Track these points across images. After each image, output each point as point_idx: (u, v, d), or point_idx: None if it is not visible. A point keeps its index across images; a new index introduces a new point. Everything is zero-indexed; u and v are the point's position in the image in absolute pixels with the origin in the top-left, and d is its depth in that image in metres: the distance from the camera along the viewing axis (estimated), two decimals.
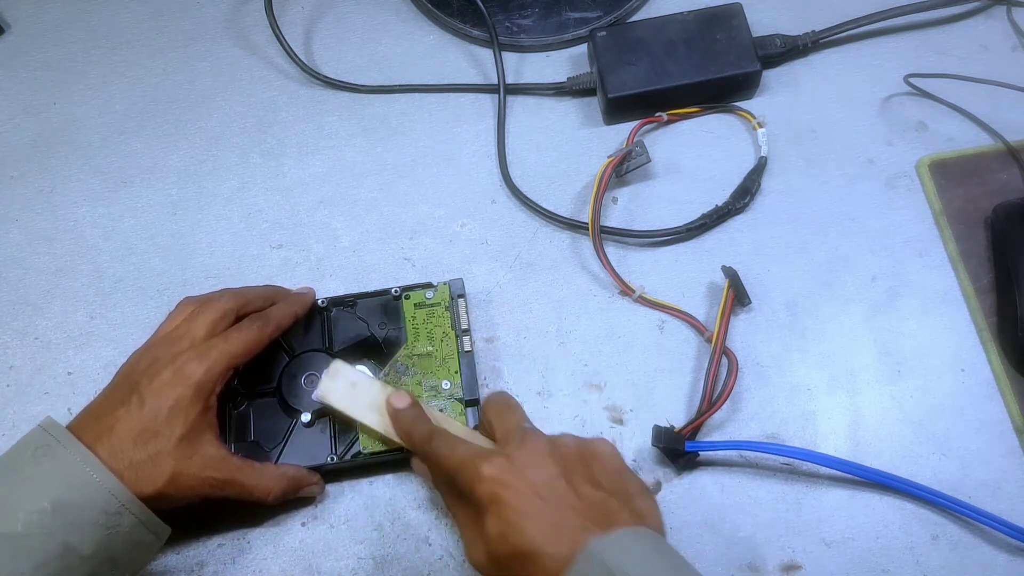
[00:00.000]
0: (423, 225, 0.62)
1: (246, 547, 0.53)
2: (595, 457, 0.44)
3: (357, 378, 0.51)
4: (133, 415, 0.46)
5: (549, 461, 0.43)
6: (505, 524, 0.41)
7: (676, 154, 0.63)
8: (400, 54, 0.67)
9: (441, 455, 0.45)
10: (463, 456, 0.44)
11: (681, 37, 0.63)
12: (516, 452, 0.43)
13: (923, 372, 0.56)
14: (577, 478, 0.42)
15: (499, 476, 0.42)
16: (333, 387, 0.51)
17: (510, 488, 0.41)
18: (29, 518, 0.42)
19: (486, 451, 0.44)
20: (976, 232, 0.59)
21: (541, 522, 0.40)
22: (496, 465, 0.42)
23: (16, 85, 0.67)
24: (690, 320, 0.57)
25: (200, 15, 0.69)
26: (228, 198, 0.63)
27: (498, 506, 0.41)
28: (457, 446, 0.45)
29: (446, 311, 0.56)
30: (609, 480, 0.43)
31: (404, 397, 0.49)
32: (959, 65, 0.64)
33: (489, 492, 0.42)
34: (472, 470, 0.43)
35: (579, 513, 0.41)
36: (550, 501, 0.41)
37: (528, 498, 0.41)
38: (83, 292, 0.60)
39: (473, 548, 0.43)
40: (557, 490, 0.42)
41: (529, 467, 0.42)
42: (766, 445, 0.53)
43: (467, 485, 0.43)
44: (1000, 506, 0.51)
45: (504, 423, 0.46)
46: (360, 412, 0.51)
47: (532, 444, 0.44)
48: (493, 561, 0.42)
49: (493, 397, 0.49)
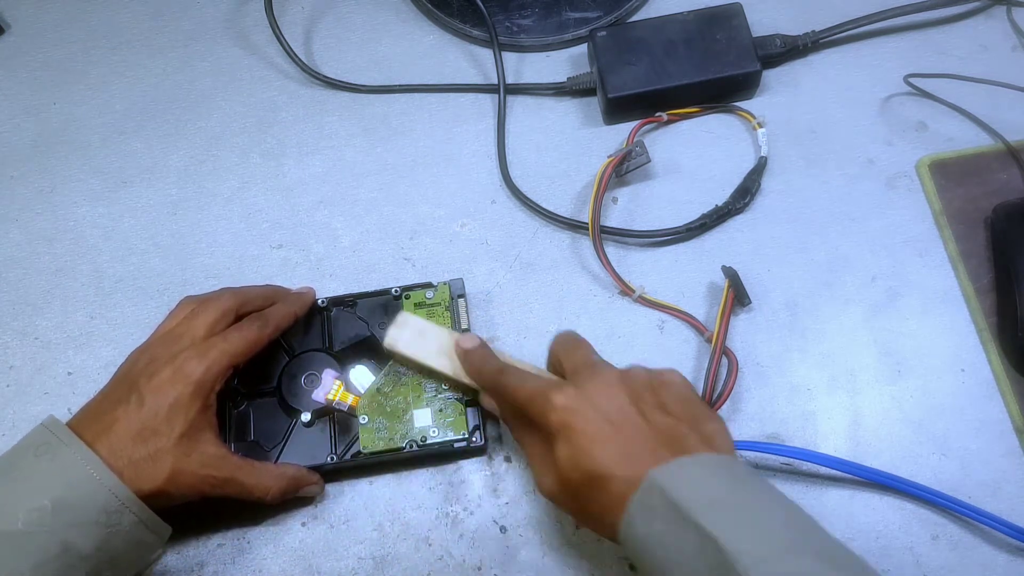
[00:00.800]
0: (423, 225, 0.62)
1: (246, 547, 0.53)
2: (664, 385, 0.45)
3: (424, 326, 0.53)
4: (132, 413, 0.46)
5: (619, 390, 0.44)
6: (576, 450, 0.42)
7: (676, 154, 0.63)
8: (400, 54, 0.67)
9: (512, 388, 0.46)
10: (534, 387, 0.45)
11: (681, 37, 0.63)
12: (587, 382, 0.44)
13: (923, 372, 0.56)
14: (647, 405, 0.43)
15: (570, 404, 0.43)
16: (401, 335, 0.52)
17: (580, 415, 0.42)
18: (29, 516, 0.42)
19: (557, 381, 0.45)
20: (976, 232, 0.59)
21: (611, 447, 0.41)
22: (567, 394, 0.43)
23: (16, 85, 0.67)
24: (690, 320, 0.57)
25: (200, 15, 0.69)
26: (228, 198, 0.63)
27: (569, 432, 0.42)
28: (527, 379, 0.46)
29: (446, 311, 0.56)
30: (678, 406, 0.44)
31: (472, 338, 0.50)
32: (959, 65, 0.64)
33: (560, 420, 0.43)
34: (543, 399, 0.44)
35: (648, 439, 0.42)
36: (620, 427, 0.42)
37: (598, 424, 0.42)
38: (83, 292, 0.60)
39: (544, 476, 0.45)
40: (627, 417, 0.43)
41: (599, 396, 0.43)
42: (766, 445, 0.53)
43: (538, 414, 0.44)
44: (1000, 506, 0.51)
45: (573, 357, 0.47)
46: (430, 357, 0.52)
47: (602, 375, 0.45)
48: (564, 487, 0.43)
49: (562, 335, 0.50)
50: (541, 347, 0.57)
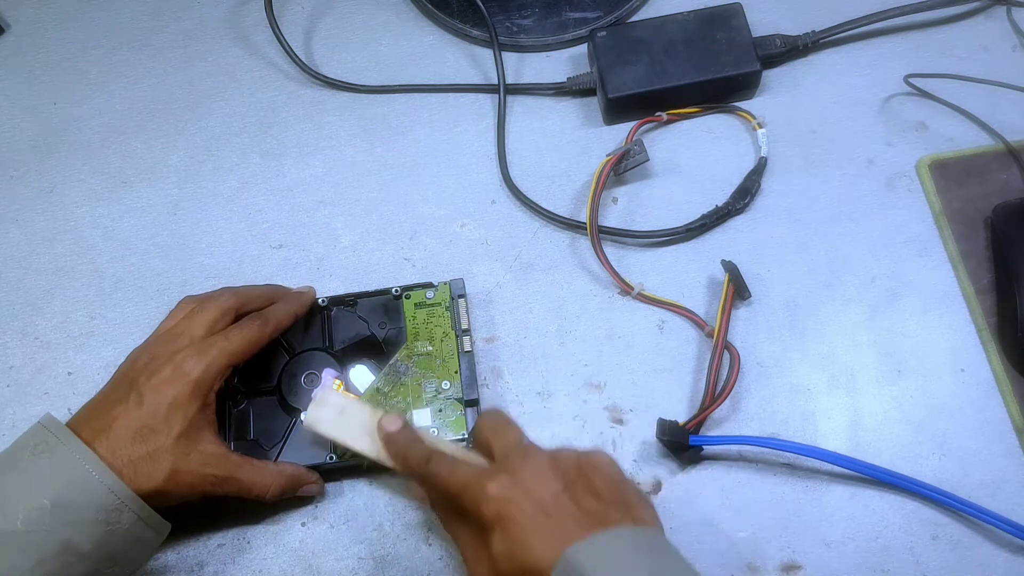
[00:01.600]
0: (423, 225, 0.62)
1: (246, 547, 0.53)
2: (595, 469, 0.43)
3: (344, 403, 0.50)
4: (132, 412, 0.46)
5: (552, 476, 0.42)
6: (512, 542, 0.40)
7: (676, 154, 0.63)
8: (400, 54, 0.67)
9: (442, 477, 0.44)
10: (465, 476, 0.43)
11: (681, 37, 0.63)
12: (519, 469, 0.42)
13: (923, 372, 0.56)
14: (579, 491, 0.42)
15: (504, 494, 0.41)
16: (320, 416, 0.49)
17: (515, 505, 0.41)
18: (29, 515, 0.42)
19: (488, 470, 0.43)
20: (976, 232, 0.59)
21: (546, 537, 0.40)
22: (501, 483, 0.42)
23: (16, 85, 0.67)
24: (690, 316, 0.57)
25: (200, 15, 0.69)
26: (228, 198, 0.63)
27: (504, 524, 0.40)
28: (457, 467, 0.44)
29: (446, 311, 0.56)
30: (609, 491, 0.42)
31: (395, 420, 0.48)
32: (959, 65, 0.64)
33: (495, 511, 0.41)
34: (476, 490, 0.42)
35: (581, 525, 0.40)
36: (554, 516, 0.40)
37: (534, 515, 0.40)
38: (83, 292, 0.60)
39: (477, 568, 0.43)
40: (561, 504, 0.41)
41: (533, 484, 0.42)
42: (770, 440, 0.53)
43: (471, 505, 0.42)
44: (1000, 506, 0.51)
45: (503, 440, 0.45)
46: (352, 439, 0.49)
47: (534, 460, 0.43)
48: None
49: (488, 415, 0.48)
50: (541, 347, 0.57)
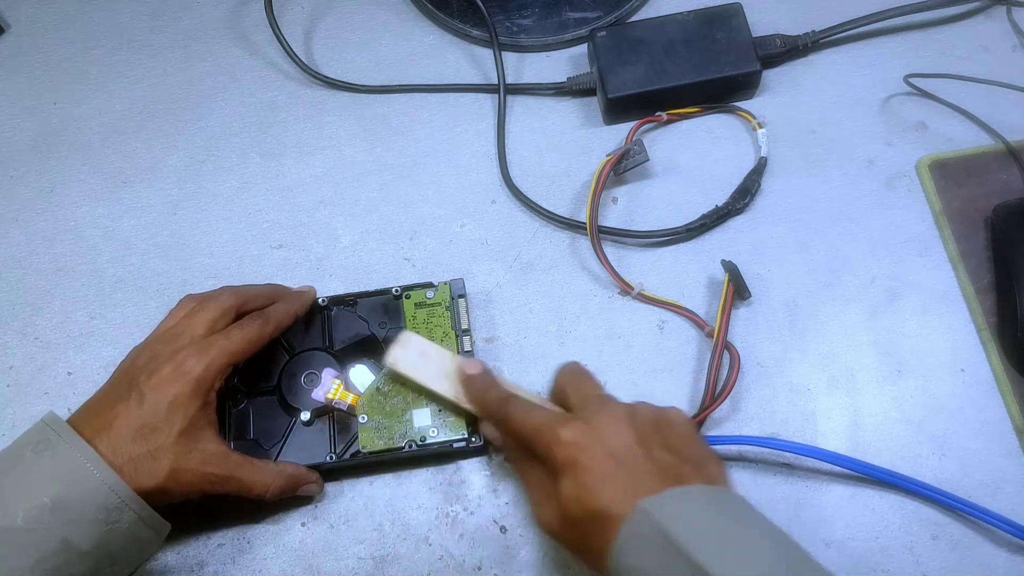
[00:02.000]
0: (423, 225, 0.62)
1: (246, 547, 0.53)
2: (669, 424, 0.45)
3: (427, 347, 0.52)
4: (132, 410, 0.46)
5: (626, 427, 0.43)
6: (581, 487, 0.41)
7: (676, 154, 0.63)
8: (400, 54, 0.67)
9: (517, 419, 0.46)
10: (541, 420, 0.45)
11: (681, 37, 0.63)
12: (594, 417, 0.44)
13: (923, 372, 0.56)
14: (652, 444, 0.43)
15: (577, 440, 0.43)
16: (403, 355, 0.51)
17: (587, 452, 0.42)
18: (29, 513, 0.42)
19: (564, 415, 0.45)
20: (976, 232, 0.59)
21: (616, 486, 0.41)
22: (574, 429, 0.43)
23: (16, 85, 0.67)
24: (690, 316, 0.57)
25: (200, 15, 0.69)
26: (228, 198, 0.63)
27: (575, 469, 0.42)
28: (533, 411, 0.46)
29: (446, 311, 0.56)
30: (683, 446, 0.44)
31: (475, 364, 0.50)
32: (959, 65, 0.64)
33: (566, 455, 0.42)
34: (550, 433, 0.43)
35: (653, 477, 0.42)
36: (626, 466, 0.42)
37: (605, 462, 0.42)
38: (83, 292, 0.60)
39: (543, 510, 0.44)
40: (633, 455, 0.42)
41: (607, 432, 0.43)
42: (770, 440, 0.53)
43: (544, 448, 0.43)
44: (1000, 506, 0.51)
45: (580, 390, 0.47)
46: (431, 379, 0.51)
47: (610, 410, 0.44)
48: (565, 523, 0.43)
49: (567, 366, 0.50)
50: (541, 347, 0.57)
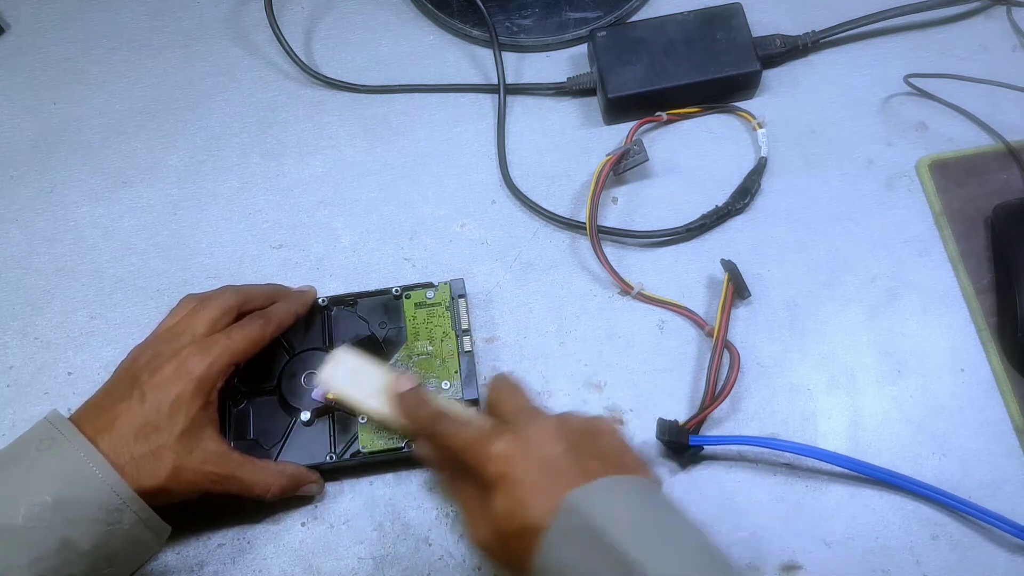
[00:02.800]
0: (423, 225, 0.62)
1: (246, 547, 0.53)
2: (600, 433, 0.44)
3: (359, 364, 0.51)
4: (134, 409, 0.46)
5: (557, 437, 0.43)
6: (514, 500, 0.41)
7: (676, 154, 0.63)
8: (400, 54, 0.67)
9: (448, 435, 0.45)
10: (471, 435, 0.44)
11: (681, 37, 0.63)
12: (524, 430, 0.43)
13: (923, 372, 0.56)
14: (583, 453, 0.43)
15: (508, 454, 0.42)
16: (335, 374, 0.51)
17: (519, 465, 0.42)
18: (30, 511, 0.42)
19: (494, 430, 0.44)
20: (976, 232, 0.59)
21: (549, 498, 0.41)
22: (505, 442, 0.43)
23: (16, 85, 0.67)
24: (690, 315, 0.57)
25: (200, 15, 0.69)
26: (228, 198, 0.63)
27: (506, 482, 0.41)
28: (464, 426, 0.45)
29: (446, 311, 0.56)
30: (613, 454, 0.43)
31: (407, 380, 0.49)
32: (959, 65, 0.64)
33: (498, 470, 0.42)
34: (481, 448, 0.43)
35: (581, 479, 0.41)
36: (558, 478, 0.41)
37: (537, 474, 0.41)
38: (83, 292, 0.60)
39: (477, 527, 0.44)
40: (565, 464, 0.42)
41: (537, 444, 0.42)
42: (770, 440, 0.53)
43: (476, 463, 0.43)
44: (1000, 506, 0.51)
45: (511, 402, 0.47)
46: (363, 398, 0.50)
47: (540, 422, 0.44)
48: (498, 538, 0.42)
49: (498, 379, 0.49)
50: (541, 347, 0.57)
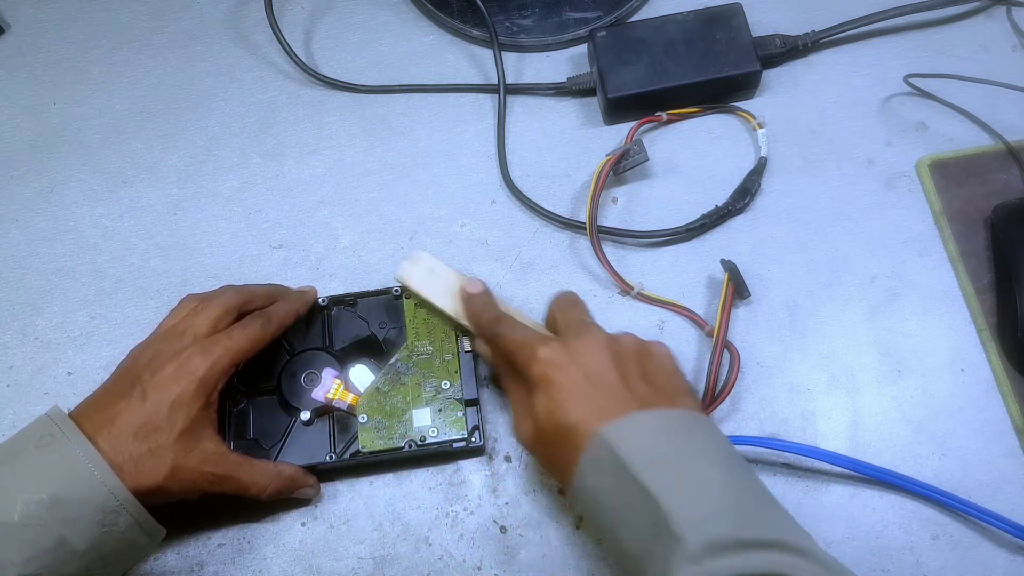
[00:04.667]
0: (423, 225, 0.62)
1: (246, 547, 0.53)
2: (650, 356, 0.46)
3: (435, 264, 0.54)
4: (135, 408, 0.46)
5: (605, 352, 0.45)
6: (553, 403, 0.43)
7: (676, 154, 0.63)
8: (400, 54, 0.67)
9: (504, 336, 0.48)
10: (523, 338, 0.47)
11: (681, 37, 0.63)
12: (574, 340, 0.46)
13: (923, 372, 0.56)
14: (630, 371, 0.45)
15: (553, 358, 0.45)
16: (413, 271, 0.54)
17: (562, 370, 0.44)
18: (27, 508, 0.42)
19: (545, 336, 0.47)
20: (976, 232, 0.59)
21: (586, 404, 0.43)
22: (552, 348, 0.45)
23: (16, 85, 0.67)
24: (690, 315, 0.57)
25: (200, 15, 0.69)
26: (228, 198, 0.63)
27: (548, 385, 0.44)
28: (519, 329, 0.48)
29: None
30: (661, 377, 0.45)
31: (478, 284, 0.52)
32: (959, 65, 0.64)
33: (541, 372, 0.44)
34: (529, 351, 0.45)
35: (623, 402, 0.43)
36: (599, 387, 0.43)
37: (578, 381, 0.44)
38: (83, 292, 0.60)
39: (521, 423, 0.47)
40: (607, 378, 0.44)
41: (584, 354, 0.45)
42: (771, 441, 0.53)
43: (523, 364, 0.46)
44: (1000, 506, 0.51)
45: (568, 315, 0.49)
46: (436, 295, 0.53)
47: (591, 335, 0.46)
48: (538, 436, 0.45)
49: (561, 294, 0.52)
50: None
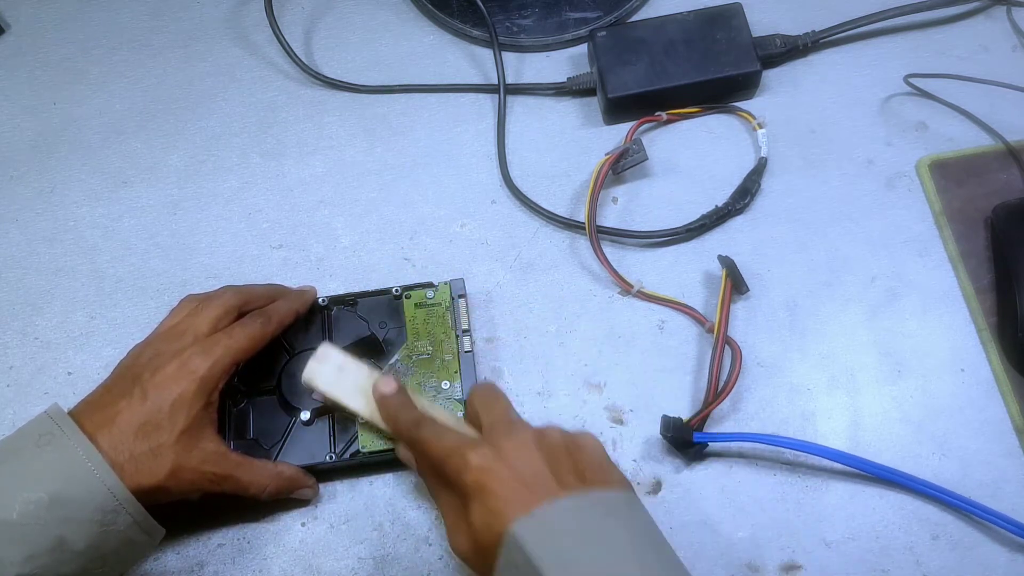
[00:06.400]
0: (423, 225, 0.62)
1: (246, 547, 0.53)
2: (580, 449, 0.44)
3: (344, 361, 0.51)
4: (135, 407, 0.46)
5: (536, 451, 0.42)
6: (490, 513, 0.41)
7: (676, 154, 0.63)
8: (400, 54, 0.67)
9: (428, 442, 0.45)
10: (450, 444, 0.44)
11: (681, 37, 0.63)
12: (503, 441, 0.43)
13: (923, 372, 0.56)
14: (562, 468, 0.42)
15: (486, 465, 0.42)
16: (320, 370, 0.50)
17: (495, 477, 0.41)
18: (26, 507, 0.42)
19: (474, 440, 0.44)
20: (976, 232, 0.59)
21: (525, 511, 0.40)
22: (483, 454, 0.42)
23: (16, 85, 0.67)
24: (690, 312, 0.57)
25: (200, 15, 0.69)
26: (228, 198, 0.63)
27: (483, 494, 0.41)
28: (444, 434, 0.45)
29: (446, 311, 0.56)
30: (593, 472, 0.43)
31: (390, 382, 0.49)
32: (959, 65, 0.64)
33: (476, 480, 0.41)
34: (459, 458, 0.42)
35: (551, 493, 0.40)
36: (535, 490, 0.41)
37: (513, 486, 0.41)
38: (83, 292, 0.60)
39: (456, 536, 0.43)
40: (542, 480, 0.41)
41: (516, 457, 0.42)
42: (775, 438, 0.53)
43: (454, 473, 0.43)
44: (1000, 506, 0.51)
45: (491, 413, 0.46)
46: (347, 396, 0.50)
47: (519, 434, 0.43)
48: (476, 549, 0.42)
49: (480, 387, 0.49)
50: (541, 347, 0.57)
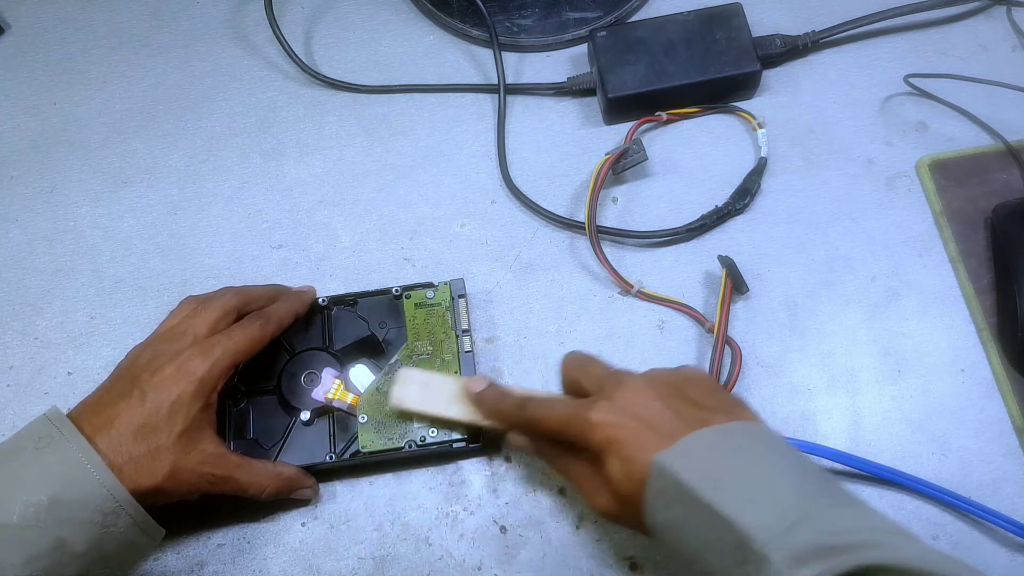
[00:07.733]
0: (423, 225, 0.62)
1: (246, 547, 0.53)
2: (688, 381, 0.45)
3: (427, 378, 0.52)
4: (134, 409, 0.46)
5: (649, 394, 0.44)
6: (628, 461, 0.42)
7: (676, 154, 0.63)
8: (400, 54, 0.67)
9: (541, 418, 0.46)
10: (565, 411, 0.45)
11: (681, 37, 0.63)
12: (617, 393, 0.44)
13: (923, 372, 0.56)
14: (677, 402, 0.43)
15: (609, 418, 0.43)
16: (407, 393, 0.51)
17: (623, 427, 0.42)
18: (25, 510, 0.42)
19: (587, 401, 0.45)
20: (976, 232, 0.59)
21: (654, 449, 0.41)
22: (603, 408, 0.43)
23: (16, 85, 0.67)
24: (690, 312, 0.57)
25: (200, 15, 0.69)
26: (228, 198, 0.63)
27: (616, 447, 0.42)
28: (554, 405, 0.46)
29: (446, 311, 0.56)
30: (706, 398, 0.44)
31: (479, 380, 0.50)
32: (959, 65, 0.64)
33: (605, 436, 0.42)
34: (580, 421, 0.43)
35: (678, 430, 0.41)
36: (661, 430, 0.42)
37: (642, 431, 0.42)
38: (83, 292, 0.60)
39: (597, 497, 0.44)
40: (665, 417, 0.42)
41: (635, 403, 0.43)
42: None
43: (579, 436, 0.44)
44: (1000, 506, 0.51)
45: (591, 374, 0.47)
46: (442, 408, 0.51)
47: (630, 383, 0.45)
48: (620, 502, 0.43)
49: (570, 356, 0.50)
50: (541, 347, 0.57)
